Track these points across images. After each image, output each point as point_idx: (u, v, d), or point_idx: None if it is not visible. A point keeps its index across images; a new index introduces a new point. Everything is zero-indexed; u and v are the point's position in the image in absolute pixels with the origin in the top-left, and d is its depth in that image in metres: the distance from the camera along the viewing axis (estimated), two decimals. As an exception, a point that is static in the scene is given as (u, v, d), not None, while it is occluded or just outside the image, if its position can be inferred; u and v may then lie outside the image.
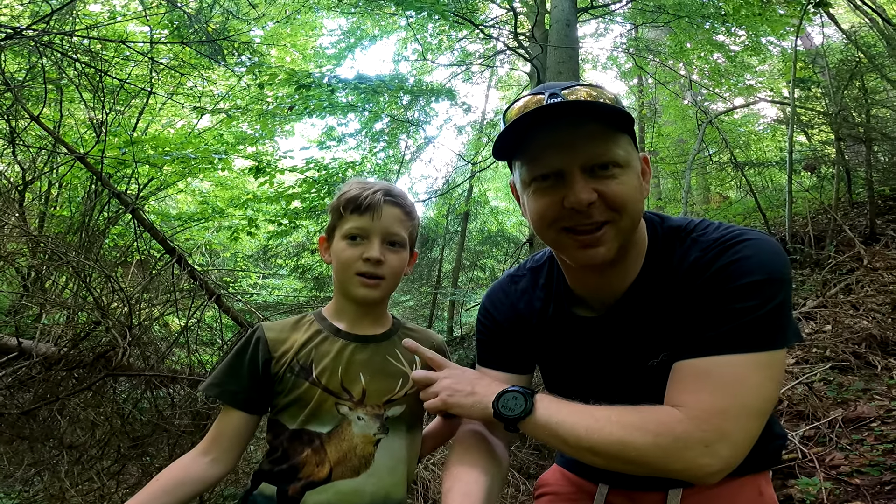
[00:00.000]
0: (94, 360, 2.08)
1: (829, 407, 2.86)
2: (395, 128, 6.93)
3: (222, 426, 1.13)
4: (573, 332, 1.12)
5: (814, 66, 6.89)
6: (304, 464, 1.07)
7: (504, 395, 0.99)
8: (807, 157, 6.86)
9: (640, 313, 1.03)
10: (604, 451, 0.89)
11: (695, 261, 0.96)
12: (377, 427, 1.10)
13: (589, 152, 0.93)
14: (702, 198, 11.29)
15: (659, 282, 1.01)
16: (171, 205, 9.67)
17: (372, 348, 1.17)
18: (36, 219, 5.34)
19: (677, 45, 7.91)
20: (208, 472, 1.09)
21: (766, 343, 0.87)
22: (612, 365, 1.08)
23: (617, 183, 0.94)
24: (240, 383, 1.12)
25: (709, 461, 0.84)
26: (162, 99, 6.20)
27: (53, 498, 1.88)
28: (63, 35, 2.94)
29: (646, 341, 1.02)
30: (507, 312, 1.20)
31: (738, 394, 0.85)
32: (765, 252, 0.92)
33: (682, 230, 1.04)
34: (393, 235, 1.15)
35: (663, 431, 0.86)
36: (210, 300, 2.87)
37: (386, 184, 1.21)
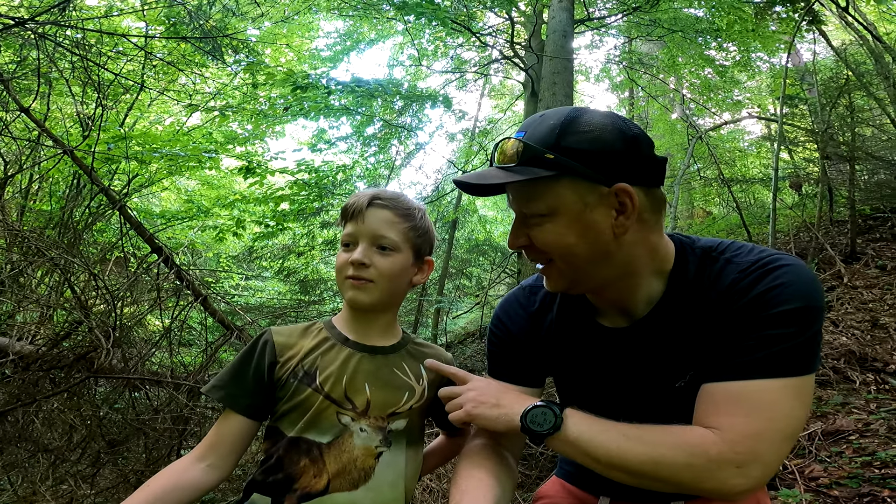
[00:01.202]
0: (74, 360, 2.02)
1: (808, 420, 2.90)
2: (387, 132, 6.91)
3: (222, 431, 1.09)
4: (598, 342, 1.11)
5: (802, 84, 7.01)
6: (301, 474, 1.03)
7: (533, 409, 0.98)
8: (790, 174, 6.97)
9: (667, 331, 1.03)
10: (635, 470, 0.90)
11: (732, 283, 0.97)
12: (379, 440, 1.07)
13: (517, 206, 1.02)
14: (686, 213, 11.44)
15: (688, 300, 1.01)
16: (154, 202, 9.53)
17: (379, 360, 1.15)
18: (15, 212, 5.22)
19: (670, 58, 8.01)
20: (203, 479, 1.05)
21: (800, 369, 0.90)
22: (637, 382, 1.08)
23: (541, 231, 0.99)
24: (244, 387, 1.10)
25: (741, 481, 0.87)
26: (152, 95, 6.12)
27: (24, 500, 1.81)
28: (57, 26, 2.89)
29: (674, 360, 1.03)
30: (524, 324, 1.19)
31: (772, 417, 0.88)
32: (803, 280, 0.93)
33: (713, 250, 1.05)
34: (380, 238, 1.14)
35: (697, 452, 0.88)
36: (196, 301, 2.82)
37: (379, 189, 1.22)
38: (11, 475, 1.89)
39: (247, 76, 5.31)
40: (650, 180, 0.99)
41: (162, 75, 5.44)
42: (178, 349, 2.92)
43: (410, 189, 9.84)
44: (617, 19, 7.75)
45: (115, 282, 2.94)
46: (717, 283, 0.99)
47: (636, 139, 0.97)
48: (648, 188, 0.98)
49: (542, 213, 0.97)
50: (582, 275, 1.01)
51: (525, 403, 1.00)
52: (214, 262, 8.36)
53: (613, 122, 0.97)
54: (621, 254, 0.99)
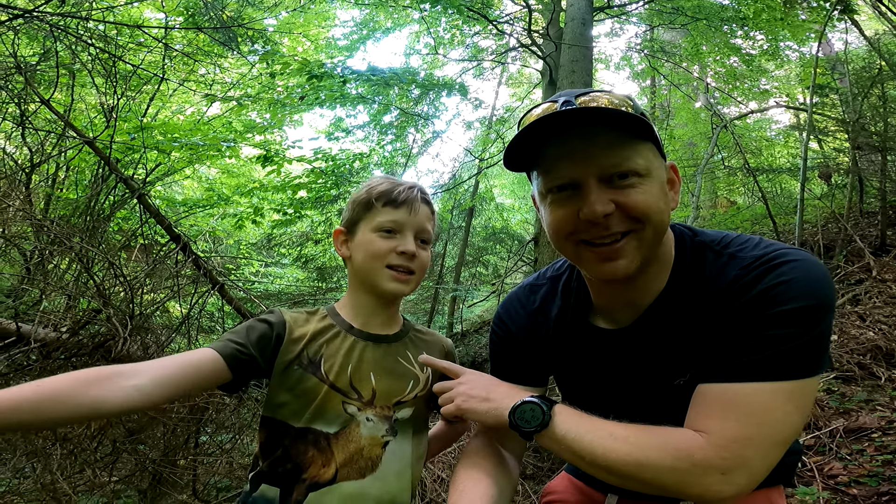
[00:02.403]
0: (93, 348, 2.07)
1: (830, 416, 2.85)
2: (403, 121, 6.90)
3: (182, 357, 0.99)
4: (593, 344, 1.08)
5: (833, 73, 6.78)
6: (310, 464, 1.04)
7: (522, 405, 0.96)
8: (820, 164, 6.77)
9: (667, 328, 0.99)
10: (620, 471, 0.87)
11: (735, 278, 0.92)
12: (386, 429, 1.08)
13: (605, 162, 0.89)
14: (709, 202, 11.20)
15: (688, 297, 0.97)
16: (177, 190, 9.68)
17: (384, 348, 1.15)
18: (42, 201, 5.36)
19: (693, 47, 7.79)
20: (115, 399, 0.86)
21: (800, 372, 0.85)
22: (636, 381, 1.05)
23: (637, 192, 0.90)
24: (239, 339, 1.05)
25: (724, 488, 0.83)
26: (173, 85, 6.19)
27: (44, 489, 1.87)
28: (78, 19, 2.93)
29: (673, 358, 0.99)
30: (524, 323, 1.17)
31: (763, 423, 0.83)
32: (811, 276, 0.87)
33: (717, 243, 0.99)
34: (424, 232, 1.16)
35: (682, 456, 0.84)
36: (213, 289, 2.87)
37: (415, 181, 1.22)
38: (33, 463, 1.95)
39: (264, 66, 5.33)
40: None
41: (182, 65, 5.49)
42: (197, 336, 2.97)
43: (427, 177, 9.84)
44: (638, 7, 7.58)
45: (135, 270, 3.00)
46: (719, 279, 0.94)
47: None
48: None
49: (639, 173, 0.90)
50: (657, 247, 0.96)
51: (515, 399, 0.98)
52: (235, 250, 8.49)
53: None
54: (665, 230, 0.97)
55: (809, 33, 6.89)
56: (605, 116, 0.89)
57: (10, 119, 3.40)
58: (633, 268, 0.93)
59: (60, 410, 0.82)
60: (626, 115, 0.88)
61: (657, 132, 0.94)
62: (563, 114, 0.88)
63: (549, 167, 0.95)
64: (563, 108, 0.89)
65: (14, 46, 2.45)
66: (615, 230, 0.91)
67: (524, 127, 0.92)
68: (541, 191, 0.99)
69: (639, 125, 0.90)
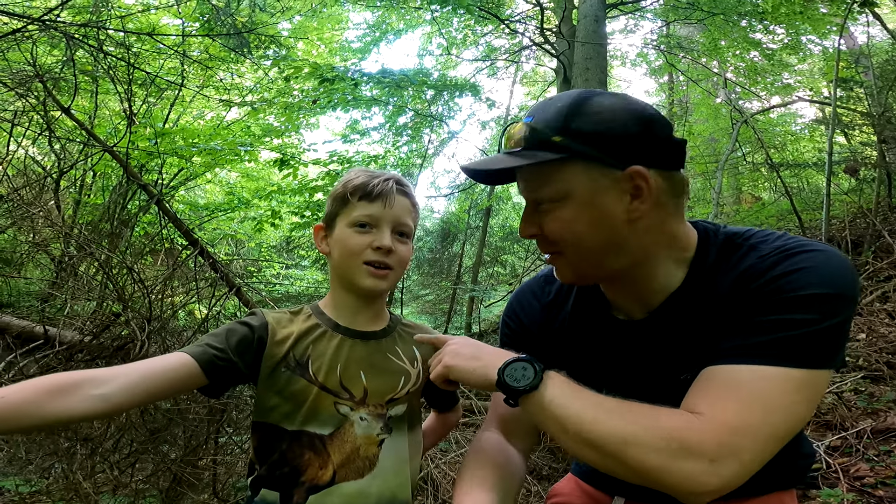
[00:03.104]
0: (113, 351, 2.12)
1: (857, 417, 2.77)
2: (418, 122, 6.91)
3: (152, 363, 0.96)
4: (612, 335, 1.06)
5: (857, 66, 6.60)
6: (307, 467, 1.03)
7: (513, 363, 0.91)
8: (846, 158, 6.58)
9: (678, 322, 0.97)
10: (603, 446, 0.81)
11: (749, 266, 0.89)
12: (380, 427, 1.06)
13: (525, 192, 0.99)
14: (733, 198, 10.98)
15: (704, 290, 0.95)
16: (199, 194, 9.88)
17: (372, 345, 1.12)
18: (70, 207, 5.52)
19: (711, 42, 7.64)
20: (79, 409, 0.85)
21: (813, 361, 0.80)
22: (643, 374, 1.03)
23: (549, 219, 0.95)
24: (217, 343, 1.02)
25: (708, 479, 0.76)
26: (192, 91, 6.32)
27: (68, 489, 1.92)
28: (97, 28, 3.01)
29: (680, 353, 0.96)
30: (538, 316, 1.15)
31: (767, 410, 0.78)
32: (832, 265, 0.84)
33: (739, 236, 0.97)
34: (402, 226, 1.12)
35: (673, 436, 0.78)
36: (230, 292, 2.91)
37: (392, 173, 1.17)
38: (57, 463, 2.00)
39: (278, 70, 5.40)
40: (668, 163, 0.93)
41: (200, 71, 5.60)
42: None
43: (444, 177, 9.85)
44: (653, 2, 7.46)
45: (155, 274, 3.07)
46: (735, 268, 0.91)
47: (651, 120, 0.92)
48: (667, 171, 0.93)
49: (552, 199, 0.93)
50: (592, 265, 0.96)
51: (505, 357, 0.94)
52: (257, 252, 8.62)
53: (626, 104, 0.93)
54: (635, 241, 0.94)
55: (831, 27, 6.71)
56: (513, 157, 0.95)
57: (35, 127, 3.51)
58: (568, 278, 1.02)
59: (24, 421, 0.82)
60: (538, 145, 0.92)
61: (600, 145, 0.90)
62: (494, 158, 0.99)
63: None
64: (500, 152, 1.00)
65: (33, 54, 2.53)
66: (543, 250, 1.00)
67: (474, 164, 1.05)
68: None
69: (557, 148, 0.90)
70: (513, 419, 1.13)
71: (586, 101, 0.92)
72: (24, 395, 0.82)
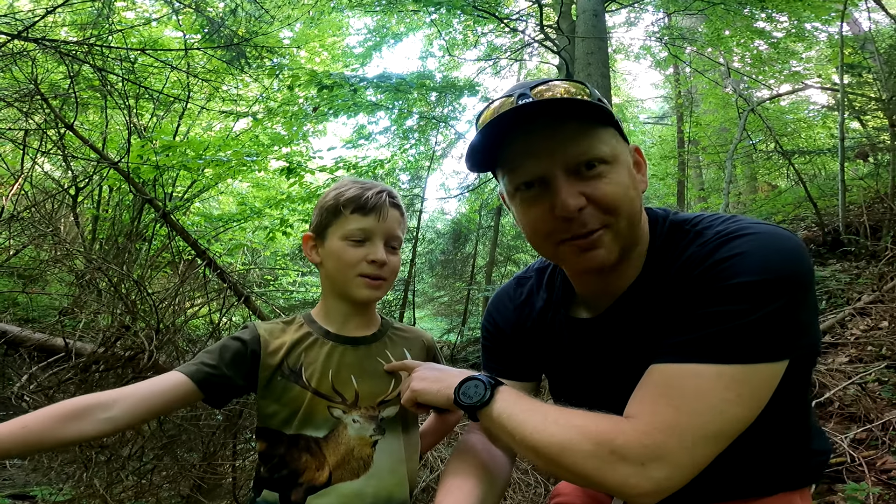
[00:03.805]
0: (125, 362, 2.17)
1: (883, 408, 2.69)
2: (424, 125, 6.93)
3: (151, 384, 1.02)
4: (571, 335, 1.06)
5: (863, 52, 6.48)
6: (304, 469, 1.07)
7: (466, 381, 0.95)
8: (860, 143, 6.45)
9: (640, 314, 0.95)
10: (544, 453, 0.82)
11: (691, 255, 0.87)
12: (373, 429, 1.09)
13: (571, 152, 0.86)
14: (748, 187, 10.83)
15: (659, 280, 0.93)
16: (214, 206, 10.03)
17: (363, 350, 1.16)
18: (90, 222, 5.64)
19: (714, 32, 7.57)
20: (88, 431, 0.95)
21: (745, 355, 0.76)
22: (614, 370, 1.01)
23: (605, 182, 0.87)
24: (210, 359, 1.07)
25: (638, 482, 0.75)
26: (200, 103, 6.41)
27: (92, 496, 1.97)
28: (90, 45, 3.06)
29: (647, 344, 0.94)
30: (510, 317, 1.17)
31: (695, 410, 0.75)
32: (769, 248, 0.80)
33: (687, 223, 0.95)
34: (394, 238, 1.16)
35: (603, 441, 0.78)
36: (239, 301, 2.95)
37: (382, 184, 1.19)
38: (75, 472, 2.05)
39: (278, 80, 5.45)
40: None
41: (204, 83, 5.68)
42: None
43: (453, 178, 9.85)
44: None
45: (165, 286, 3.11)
46: (680, 257, 0.90)
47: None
48: None
49: (605, 160, 0.87)
50: (633, 238, 0.93)
51: (463, 376, 0.97)
52: (272, 261, 8.72)
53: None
54: (642, 216, 0.95)
55: (833, 13, 6.61)
56: (565, 106, 0.86)
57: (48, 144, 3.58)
58: (612, 258, 0.90)
59: (45, 445, 0.93)
60: (585, 102, 0.85)
61: (616, 117, 0.92)
62: (522, 108, 0.85)
63: (513, 165, 0.92)
64: (521, 102, 0.86)
65: (33, 72, 2.58)
66: (591, 226, 0.88)
67: (483, 126, 0.89)
68: (508, 190, 0.96)
69: (598, 112, 0.87)
70: None
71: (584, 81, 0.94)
72: (44, 424, 0.92)
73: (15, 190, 3.65)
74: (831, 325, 3.68)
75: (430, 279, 9.51)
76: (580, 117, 0.87)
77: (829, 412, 2.73)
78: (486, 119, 0.90)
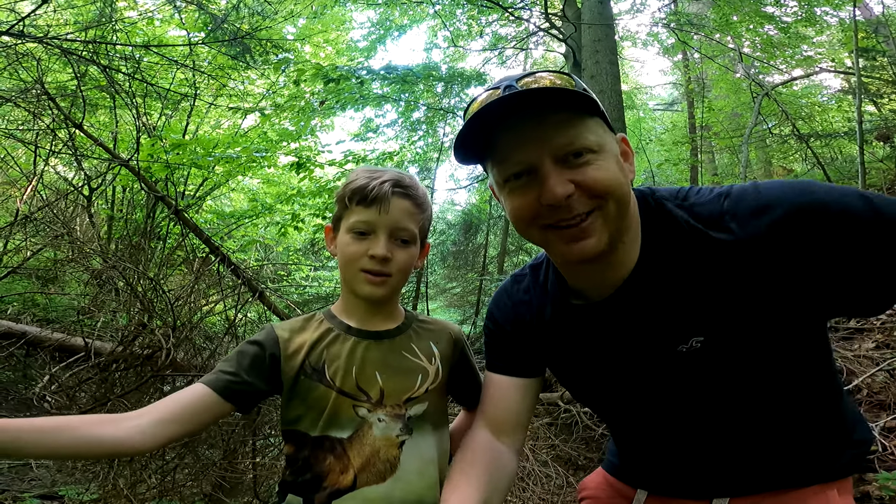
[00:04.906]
0: (142, 361, 2.17)
1: (918, 395, 2.63)
2: (431, 116, 6.89)
3: (174, 397, 0.99)
4: (575, 324, 1.04)
5: (877, 36, 6.34)
6: (328, 472, 1.02)
7: None
8: (878, 126, 6.33)
9: (655, 294, 0.93)
10: None
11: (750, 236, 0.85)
12: (399, 428, 1.03)
13: (558, 142, 0.86)
14: (763, 171, 10.68)
15: (671, 258, 0.92)
16: (226, 203, 10.06)
17: (386, 345, 1.10)
18: (105, 222, 5.69)
19: (722, 17, 7.40)
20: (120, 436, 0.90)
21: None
22: (629, 354, 0.99)
23: (594, 168, 0.87)
24: (231, 368, 1.04)
25: None
26: (208, 100, 6.42)
27: (119, 496, 1.98)
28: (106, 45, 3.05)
29: (670, 324, 0.93)
30: (510, 314, 1.15)
31: None
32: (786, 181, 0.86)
33: (675, 197, 0.96)
34: (402, 231, 1.07)
35: None
36: (254, 297, 2.94)
37: (396, 172, 1.11)
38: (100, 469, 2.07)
39: (286, 75, 5.43)
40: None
41: (211, 80, 5.67)
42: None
43: (462, 169, 9.79)
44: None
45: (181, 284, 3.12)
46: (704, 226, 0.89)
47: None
48: None
49: (591, 149, 0.87)
50: (623, 224, 0.92)
51: None
52: (285, 256, 8.75)
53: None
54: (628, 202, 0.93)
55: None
56: (551, 96, 0.86)
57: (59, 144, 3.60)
58: (602, 245, 0.89)
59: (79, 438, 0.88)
60: (571, 92, 0.85)
61: (602, 107, 0.92)
62: (509, 98, 0.85)
63: (502, 156, 0.91)
64: (506, 94, 0.86)
65: (39, 72, 2.58)
66: (578, 211, 0.87)
67: (470, 117, 0.89)
68: (497, 181, 0.95)
69: (584, 101, 0.87)
70: (502, 417, 1.12)
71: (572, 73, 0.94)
72: (81, 420, 0.94)
73: (28, 191, 3.68)
74: (855, 310, 3.60)
75: (441, 270, 9.48)
76: (567, 107, 0.87)
77: (858, 400, 2.68)
78: (473, 111, 0.90)
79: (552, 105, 0.86)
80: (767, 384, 0.93)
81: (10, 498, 2.49)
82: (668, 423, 1.02)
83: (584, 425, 3.20)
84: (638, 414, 1.06)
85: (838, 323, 3.41)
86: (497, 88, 0.90)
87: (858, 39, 5.19)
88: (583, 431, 3.20)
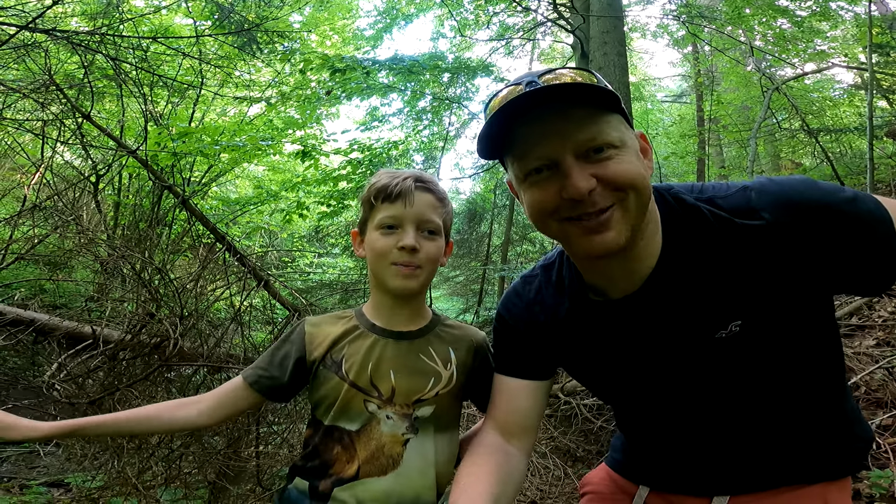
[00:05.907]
0: (150, 351, 2.21)
1: (912, 393, 2.64)
2: (437, 106, 6.85)
3: (220, 388, 1.19)
4: (595, 320, 1.04)
5: (891, 32, 6.24)
6: (335, 461, 1.08)
7: None
8: (889, 122, 6.25)
9: (685, 285, 0.94)
10: None
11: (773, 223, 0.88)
12: (405, 427, 1.07)
13: (580, 137, 0.86)
14: (771, 165, 10.61)
15: (697, 249, 0.92)
16: (231, 190, 10.10)
17: (405, 345, 1.13)
18: (111, 209, 5.72)
19: (734, 10, 7.27)
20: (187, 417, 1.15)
21: None
22: (661, 346, 0.99)
23: (616, 163, 0.87)
24: (264, 363, 1.17)
25: None
26: (213, 90, 6.42)
27: (125, 483, 2.03)
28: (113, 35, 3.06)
29: (705, 312, 0.93)
30: (522, 316, 1.14)
31: None
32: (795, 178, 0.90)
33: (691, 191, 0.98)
34: (427, 223, 1.12)
35: None
36: (259, 285, 2.97)
37: (416, 171, 1.17)
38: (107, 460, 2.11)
39: (292, 64, 5.42)
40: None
41: (217, 69, 5.66)
42: (250, 332, 3.09)
43: (467, 158, 9.78)
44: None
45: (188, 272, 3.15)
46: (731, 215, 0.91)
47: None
48: None
49: (613, 144, 0.87)
50: (643, 219, 0.92)
51: None
52: (289, 243, 8.79)
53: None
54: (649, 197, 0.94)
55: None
56: (574, 92, 0.86)
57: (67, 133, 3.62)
58: (622, 239, 0.88)
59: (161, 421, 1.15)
60: (593, 87, 0.85)
61: (623, 104, 0.92)
62: (531, 94, 0.85)
63: (523, 151, 0.91)
64: (529, 90, 0.85)
65: (47, 62, 2.59)
66: (600, 205, 0.87)
67: (493, 112, 0.89)
68: (517, 175, 0.95)
69: (606, 98, 0.87)
70: (511, 420, 1.12)
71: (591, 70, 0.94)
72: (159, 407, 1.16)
73: (36, 179, 3.71)
74: (858, 307, 3.61)
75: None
76: (589, 103, 0.87)
77: (855, 397, 2.69)
78: (495, 107, 0.90)
79: (574, 101, 0.87)
80: (795, 370, 0.95)
81: (18, 485, 2.56)
82: (688, 415, 1.03)
83: (583, 417, 3.23)
84: (658, 406, 1.06)
85: (840, 320, 3.42)
86: (518, 84, 0.90)
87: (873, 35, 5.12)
88: (582, 423, 3.23)
